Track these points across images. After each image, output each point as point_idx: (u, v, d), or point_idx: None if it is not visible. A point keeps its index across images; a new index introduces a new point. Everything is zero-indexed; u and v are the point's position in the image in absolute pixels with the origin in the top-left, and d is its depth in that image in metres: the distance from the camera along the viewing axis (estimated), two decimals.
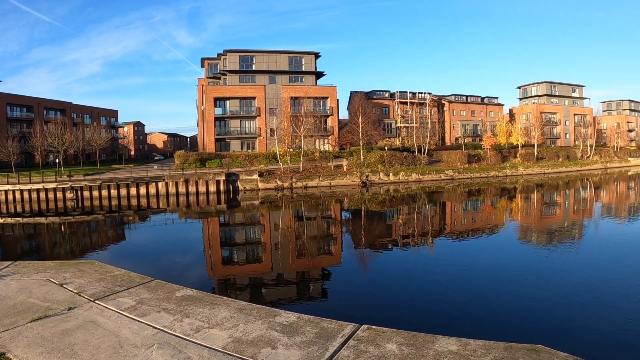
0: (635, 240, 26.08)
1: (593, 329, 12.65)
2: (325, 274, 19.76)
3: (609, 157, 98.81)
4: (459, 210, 40.36)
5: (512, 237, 28.89)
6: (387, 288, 16.76)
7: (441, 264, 20.80)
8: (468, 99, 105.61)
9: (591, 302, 14.65)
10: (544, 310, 14.08)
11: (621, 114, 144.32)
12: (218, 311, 6.01)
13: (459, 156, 69.70)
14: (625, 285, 16.37)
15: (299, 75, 77.41)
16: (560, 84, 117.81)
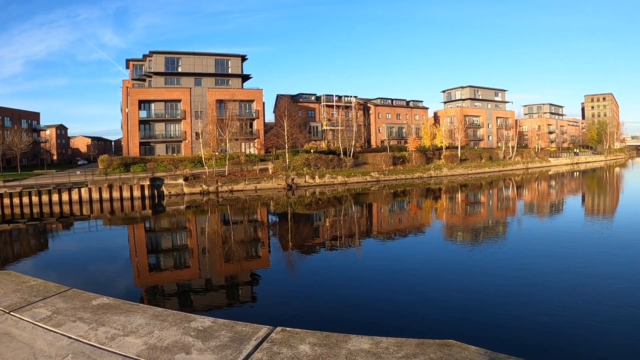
0: (553, 237, 28.66)
1: (505, 323, 13.89)
2: (252, 277, 20.55)
3: (530, 158, 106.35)
4: (385, 211, 42.32)
5: (436, 236, 30.86)
6: (309, 289, 17.92)
7: (365, 265, 21.99)
8: (393, 102, 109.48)
9: (505, 298, 16.16)
10: (458, 306, 15.31)
11: (542, 117, 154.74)
12: (134, 318, 6.08)
13: (384, 158, 73.01)
14: (540, 281, 18.23)
15: (226, 78, 78.54)
16: (483, 88, 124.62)
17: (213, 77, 77.42)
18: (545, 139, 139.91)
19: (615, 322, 13.49)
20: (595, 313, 14.34)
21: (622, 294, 16.04)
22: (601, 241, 26.49)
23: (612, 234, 29.41)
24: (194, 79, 75.60)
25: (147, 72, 77.09)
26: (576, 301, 15.54)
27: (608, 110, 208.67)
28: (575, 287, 17.28)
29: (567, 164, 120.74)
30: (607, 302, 15.26)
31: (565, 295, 16.20)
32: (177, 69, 75.53)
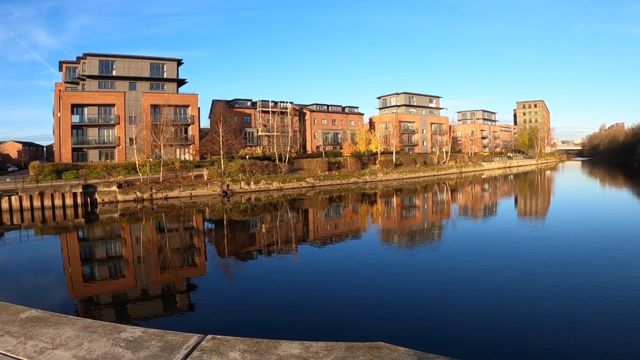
0: (484, 238, 30.54)
1: (435, 323, 14.71)
2: (187, 285, 20.88)
3: (463, 162, 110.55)
4: (321, 216, 43.48)
5: (371, 240, 32.07)
6: (244, 296, 18.24)
7: (301, 270, 22.84)
8: (329, 108, 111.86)
9: (436, 298, 17.10)
10: (390, 308, 16.00)
11: (475, 122, 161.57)
12: (63, 331, 6.02)
13: (320, 164, 74.53)
14: (470, 282, 19.28)
15: (161, 82, 78.38)
16: (418, 95, 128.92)
17: (148, 81, 77.03)
18: (479, 144, 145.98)
19: (541, 318, 14.62)
20: (520, 310, 15.46)
21: (547, 291, 17.52)
22: (531, 241, 28.60)
23: (542, 234, 31.73)
24: (129, 83, 74.87)
25: (80, 75, 75.87)
26: (503, 300, 16.72)
27: (539, 116, 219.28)
28: (502, 286, 18.57)
29: (499, 167, 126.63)
30: (532, 299, 16.55)
31: (493, 295, 17.45)
32: (111, 72, 74.57)
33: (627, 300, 16.02)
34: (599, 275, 19.54)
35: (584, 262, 22.12)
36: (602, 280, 18.76)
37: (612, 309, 15.20)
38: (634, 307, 15.33)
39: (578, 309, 15.34)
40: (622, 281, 18.61)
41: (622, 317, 14.45)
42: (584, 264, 21.68)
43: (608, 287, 17.59)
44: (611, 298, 16.27)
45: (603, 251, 24.50)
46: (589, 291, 17.36)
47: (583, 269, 20.79)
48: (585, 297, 16.63)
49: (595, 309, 15.38)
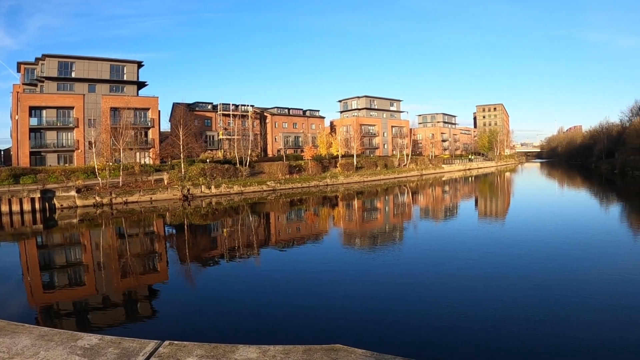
0: (443, 240, 31.38)
1: (393, 324, 14.84)
2: (148, 291, 20.80)
3: (424, 165, 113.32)
4: (282, 220, 43.87)
5: (332, 243, 32.51)
6: (204, 301, 18.40)
7: (261, 274, 23.06)
8: (290, 111, 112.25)
9: (394, 299, 17.45)
10: (348, 309, 16.35)
11: (436, 125, 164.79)
12: (19, 340, 5.97)
13: (281, 167, 75.61)
14: (428, 282, 19.87)
15: (121, 84, 77.61)
16: (379, 98, 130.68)
17: (108, 83, 76.26)
18: (439, 147, 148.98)
19: (500, 318, 15.14)
20: (480, 310, 15.95)
21: (507, 291, 18.20)
22: (491, 242, 29.53)
23: (502, 235, 32.76)
24: (88, 85, 73.95)
25: (39, 77, 74.60)
26: (462, 299, 17.11)
27: (499, 119, 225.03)
28: (462, 286, 19.00)
29: (460, 170, 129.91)
30: (491, 299, 17.14)
31: (452, 295, 17.80)
32: (70, 74, 73.53)
33: (584, 298, 17.00)
34: (557, 274, 20.48)
35: (541, 262, 22.96)
36: (559, 279, 19.68)
37: (570, 307, 16.04)
38: (591, 304, 16.29)
39: (537, 308, 15.92)
40: (578, 280, 19.62)
41: (580, 315, 15.28)
42: (542, 264, 22.56)
43: (566, 287, 18.44)
44: (569, 296, 17.21)
45: (561, 251, 25.61)
46: (548, 290, 18.08)
47: (541, 268, 21.69)
48: (545, 296, 17.34)
49: (556, 307, 16.02)
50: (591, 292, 17.68)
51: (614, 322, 14.56)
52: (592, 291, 17.86)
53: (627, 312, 15.32)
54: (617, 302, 16.22)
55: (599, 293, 17.61)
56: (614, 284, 18.78)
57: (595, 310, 15.63)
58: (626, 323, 14.39)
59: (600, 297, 17.01)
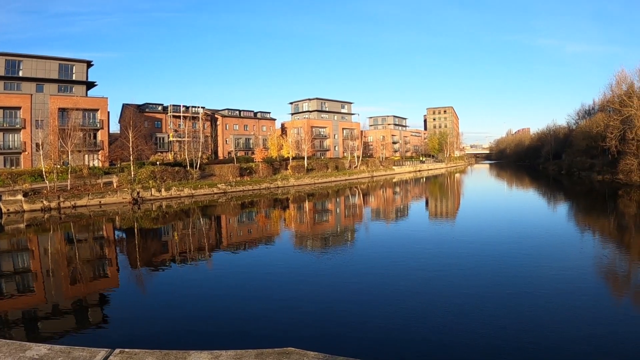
0: (394, 241, 32.15)
1: (346, 326, 15.16)
2: (98, 298, 20.38)
3: (375, 167, 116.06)
4: (234, 222, 44.02)
5: (284, 245, 32.96)
6: (155, 307, 18.21)
7: (213, 278, 23.14)
8: (241, 113, 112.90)
9: (348, 301, 17.77)
10: (301, 312, 16.63)
11: (386, 128, 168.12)
12: None
13: (231, 169, 76.17)
14: (379, 284, 20.26)
15: (70, 84, 76.32)
16: (330, 101, 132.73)
17: (56, 83, 74.95)
18: (390, 149, 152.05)
19: (450, 317, 15.63)
20: (430, 310, 16.53)
21: (456, 290, 18.81)
22: (442, 242, 30.54)
23: (453, 236, 33.93)
24: (36, 84, 72.47)
25: None
26: (414, 300, 17.64)
27: (449, 121, 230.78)
28: (414, 287, 19.54)
29: (410, 171, 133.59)
30: (442, 299, 17.67)
31: (404, 296, 18.33)
32: (18, 72, 71.89)
33: (534, 295, 18.00)
34: (507, 273, 21.60)
35: (492, 262, 23.90)
36: (509, 278, 20.85)
37: (521, 304, 16.91)
38: (536, 302, 17.18)
39: (486, 307, 16.56)
40: (527, 278, 20.69)
41: (530, 312, 16.05)
42: (493, 264, 23.50)
43: (516, 285, 19.51)
44: (519, 294, 18.25)
45: (511, 250, 26.93)
46: (499, 289, 19.01)
47: (491, 268, 22.56)
48: (497, 295, 18.20)
49: (507, 305, 16.90)
50: (539, 290, 18.73)
51: (563, 319, 15.53)
52: (542, 289, 18.83)
53: (574, 310, 16.28)
54: (566, 301, 17.23)
55: (548, 291, 18.61)
56: (563, 282, 19.81)
57: (544, 307, 16.51)
58: (573, 319, 15.46)
59: (550, 295, 17.98)
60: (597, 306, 16.80)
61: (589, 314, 15.96)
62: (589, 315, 15.89)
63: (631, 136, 71.82)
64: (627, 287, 20.49)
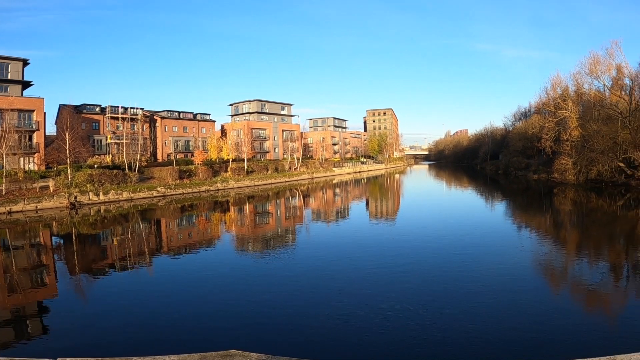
0: (337, 241, 32.75)
1: (288, 326, 15.42)
2: (37, 308, 19.72)
3: (315, 168, 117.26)
4: (174, 226, 43.99)
5: (224, 248, 33.08)
6: (96, 314, 17.74)
7: (153, 283, 22.86)
8: (181, 115, 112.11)
9: (288, 303, 17.91)
10: (244, 314, 16.71)
11: (326, 129, 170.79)
12: None
13: (171, 172, 75.82)
14: (321, 284, 20.68)
15: (4, 84, 73.75)
16: (270, 102, 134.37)
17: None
18: (330, 150, 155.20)
19: (390, 316, 16.03)
20: (371, 309, 16.83)
21: (398, 288, 19.51)
22: (382, 242, 31.40)
23: (392, 235, 34.79)
24: None
25: None
26: (355, 300, 18.05)
27: (388, 123, 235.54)
28: (355, 287, 20.06)
29: (350, 172, 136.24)
30: (383, 298, 18.20)
31: (345, 295, 18.75)
32: None
33: (470, 290, 18.88)
34: (448, 270, 22.50)
35: (433, 259, 24.89)
36: (451, 275, 21.61)
37: (462, 300, 17.65)
38: (476, 296, 18.16)
39: (428, 305, 17.26)
40: (468, 274, 21.52)
41: (470, 307, 16.82)
42: (434, 261, 24.51)
43: (458, 281, 20.32)
44: (458, 290, 19.08)
45: (452, 248, 28.10)
46: (441, 286, 19.79)
47: (433, 265, 23.56)
48: (437, 292, 19.03)
49: (449, 301, 17.66)
50: (479, 284, 19.80)
51: (504, 309, 16.68)
52: (481, 283, 19.92)
53: (514, 304, 17.28)
54: (505, 293, 18.52)
55: (488, 283, 19.93)
56: (503, 275, 21.22)
57: (485, 302, 17.44)
58: (512, 310, 16.59)
59: (491, 288, 19.24)
60: (536, 298, 18.12)
61: (528, 305, 17.09)
62: (528, 305, 17.07)
63: (566, 137, 77.75)
64: (564, 279, 22.21)
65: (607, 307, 17.82)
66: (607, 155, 69.59)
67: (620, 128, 70.32)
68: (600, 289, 20.12)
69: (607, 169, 69.75)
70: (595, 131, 71.56)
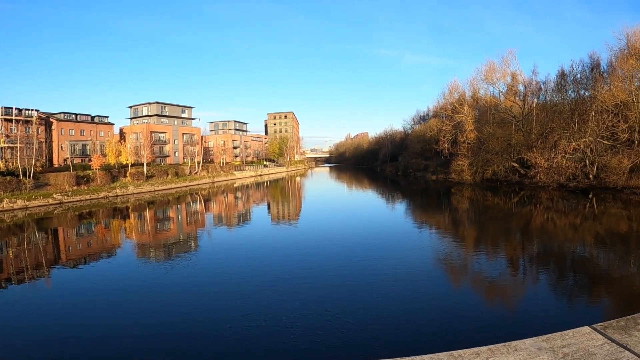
0: (239, 246, 33.08)
1: (189, 337, 15.27)
2: None
3: (216, 172, 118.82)
4: (72, 235, 42.52)
5: (125, 257, 32.25)
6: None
7: (51, 297, 21.86)
8: (78, 117, 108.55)
9: (188, 312, 17.93)
10: (142, 327, 16.56)
11: (227, 133, 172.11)
12: None
13: (68, 178, 74.50)
14: (227, 293, 20.69)
15: None
16: (170, 105, 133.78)
17: None
18: (230, 154, 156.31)
19: (292, 314, 16.91)
20: (277, 317, 17.07)
21: (302, 289, 20.36)
22: (285, 246, 32.20)
23: (295, 237, 36.04)
24: None
25: None
26: (258, 308, 18.19)
27: (289, 126, 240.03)
28: (257, 293, 20.35)
29: (251, 176, 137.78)
30: (292, 303, 18.71)
31: (248, 304, 18.81)
32: None
33: (375, 285, 20.47)
34: (352, 269, 23.68)
35: (336, 259, 26.25)
36: (354, 273, 22.86)
37: (367, 297, 18.95)
38: (380, 290, 19.75)
39: (338, 298, 18.81)
40: (371, 271, 23.06)
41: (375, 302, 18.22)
42: (337, 260, 25.87)
43: (362, 277, 21.87)
44: (363, 284, 20.65)
45: (355, 247, 29.71)
46: (346, 288, 20.71)
47: (337, 264, 24.88)
48: (343, 287, 20.49)
49: (353, 301, 18.70)
50: (383, 278, 21.30)
51: (405, 299, 18.27)
52: (385, 278, 21.40)
53: (417, 298, 18.70)
54: (407, 285, 20.11)
55: (391, 278, 21.36)
56: (406, 274, 22.42)
57: (388, 295, 18.90)
58: (413, 300, 18.26)
59: (393, 283, 20.63)
60: (439, 292, 19.90)
61: (432, 299, 18.75)
62: (432, 299, 18.73)
63: (462, 139, 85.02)
64: (465, 274, 24.06)
65: (505, 298, 19.87)
66: (501, 156, 77.72)
67: (514, 131, 79.39)
68: (499, 281, 22.22)
69: (502, 169, 77.79)
70: (491, 134, 79.73)
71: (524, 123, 78.44)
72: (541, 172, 67.34)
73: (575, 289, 20.88)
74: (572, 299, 19.19)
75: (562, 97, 77.25)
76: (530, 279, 22.71)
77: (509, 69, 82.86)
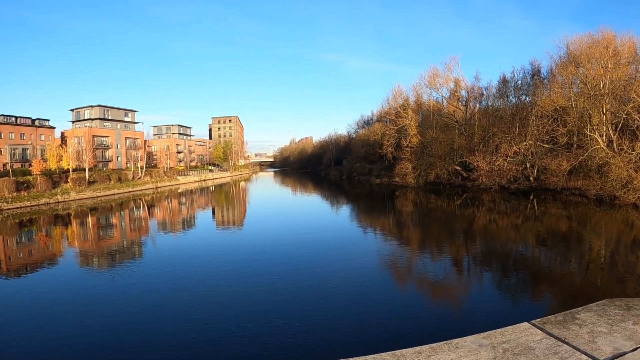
0: (184, 253, 32.91)
1: (125, 349, 15.19)
2: None
3: (159, 177, 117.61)
4: (12, 244, 41.17)
5: (67, 265, 31.34)
6: None
7: None
8: (18, 120, 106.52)
9: (127, 322, 17.71)
10: (77, 340, 16.08)
11: (171, 137, 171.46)
12: None
13: (7, 184, 72.11)
14: (170, 299, 20.63)
15: None
16: (113, 108, 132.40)
17: None
18: (174, 159, 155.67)
19: (248, 317, 17.26)
20: (228, 317, 17.51)
21: (251, 298, 20.23)
22: (228, 252, 32.00)
23: (239, 243, 35.89)
24: None
25: None
26: (203, 315, 18.06)
27: (233, 131, 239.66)
28: (205, 299, 20.46)
29: (195, 181, 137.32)
30: (233, 307, 18.89)
31: (194, 312, 18.57)
32: None
33: (321, 288, 21.03)
34: (300, 274, 24.11)
35: (283, 265, 26.25)
36: (304, 278, 23.24)
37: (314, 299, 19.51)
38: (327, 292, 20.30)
39: (284, 303, 18.99)
40: (317, 275, 23.55)
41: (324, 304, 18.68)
42: (284, 266, 25.88)
43: (309, 280, 22.37)
44: (311, 288, 21.16)
45: (300, 251, 30.31)
46: (295, 293, 20.82)
47: (283, 270, 25.05)
48: (290, 291, 20.79)
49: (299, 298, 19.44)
50: (332, 288, 21.29)
51: (351, 302, 18.83)
52: (332, 281, 21.99)
53: (364, 301, 19.19)
54: (356, 294, 20.15)
55: (338, 281, 21.91)
56: (352, 278, 22.88)
57: (335, 296, 19.63)
58: (359, 302, 18.83)
59: (342, 291, 20.80)
60: (384, 294, 20.34)
61: (377, 301, 19.19)
62: (377, 300, 19.17)
63: (406, 143, 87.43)
64: (410, 275, 24.58)
65: (449, 297, 20.57)
66: (444, 160, 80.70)
67: (456, 135, 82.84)
68: (443, 281, 22.82)
69: (445, 172, 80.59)
70: (434, 138, 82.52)
71: (466, 127, 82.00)
72: (483, 174, 70.36)
73: (518, 287, 21.74)
74: (514, 297, 20.13)
75: (503, 102, 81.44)
76: (474, 279, 23.56)
77: (452, 75, 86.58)
